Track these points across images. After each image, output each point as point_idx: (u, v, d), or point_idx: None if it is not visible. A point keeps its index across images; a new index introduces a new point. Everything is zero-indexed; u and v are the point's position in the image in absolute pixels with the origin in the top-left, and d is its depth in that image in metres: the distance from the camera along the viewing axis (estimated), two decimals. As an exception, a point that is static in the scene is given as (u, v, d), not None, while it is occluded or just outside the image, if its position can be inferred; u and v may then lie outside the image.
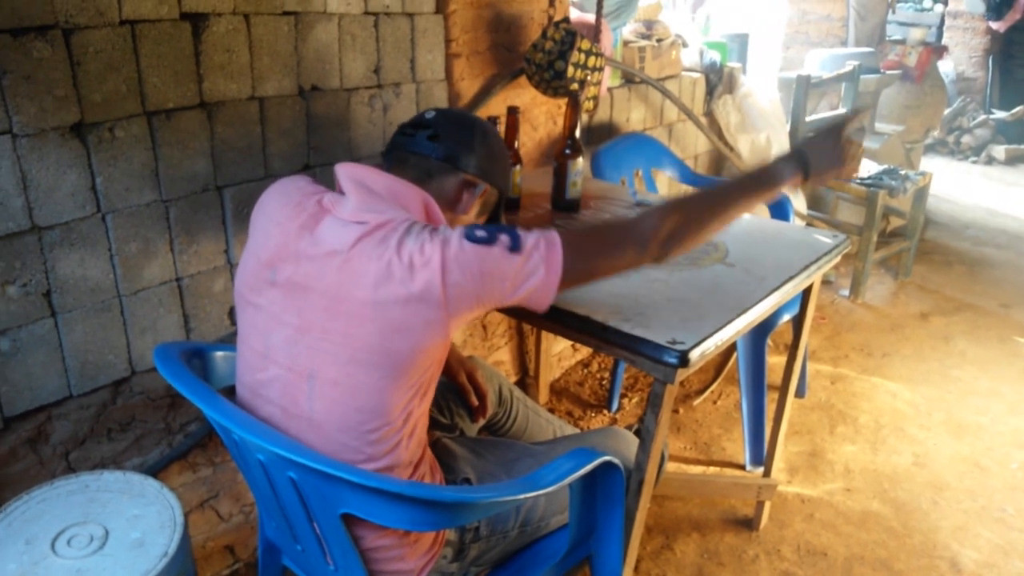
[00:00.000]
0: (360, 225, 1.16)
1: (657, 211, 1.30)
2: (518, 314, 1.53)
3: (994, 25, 7.50)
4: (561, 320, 1.52)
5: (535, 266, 1.19)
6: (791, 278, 1.72)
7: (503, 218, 1.52)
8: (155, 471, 1.77)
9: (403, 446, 1.23)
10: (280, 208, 1.25)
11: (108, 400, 1.67)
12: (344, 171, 1.25)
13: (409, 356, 1.15)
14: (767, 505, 2.27)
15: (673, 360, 1.39)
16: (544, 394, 2.85)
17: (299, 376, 1.18)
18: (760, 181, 1.40)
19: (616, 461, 1.31)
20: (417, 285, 1.11)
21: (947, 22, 7.92)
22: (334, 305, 1.14)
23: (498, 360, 2.77)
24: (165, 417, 1.78)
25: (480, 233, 1.16)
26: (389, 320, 1.12)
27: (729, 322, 1.51)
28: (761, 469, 2.48)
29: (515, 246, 1.17)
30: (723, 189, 1.40)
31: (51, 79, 1.42)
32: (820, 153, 1.39)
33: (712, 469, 2.58)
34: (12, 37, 1.36)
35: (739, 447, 2.66)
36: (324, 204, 1.22)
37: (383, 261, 1.12)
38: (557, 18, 2.35)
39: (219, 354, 1.44)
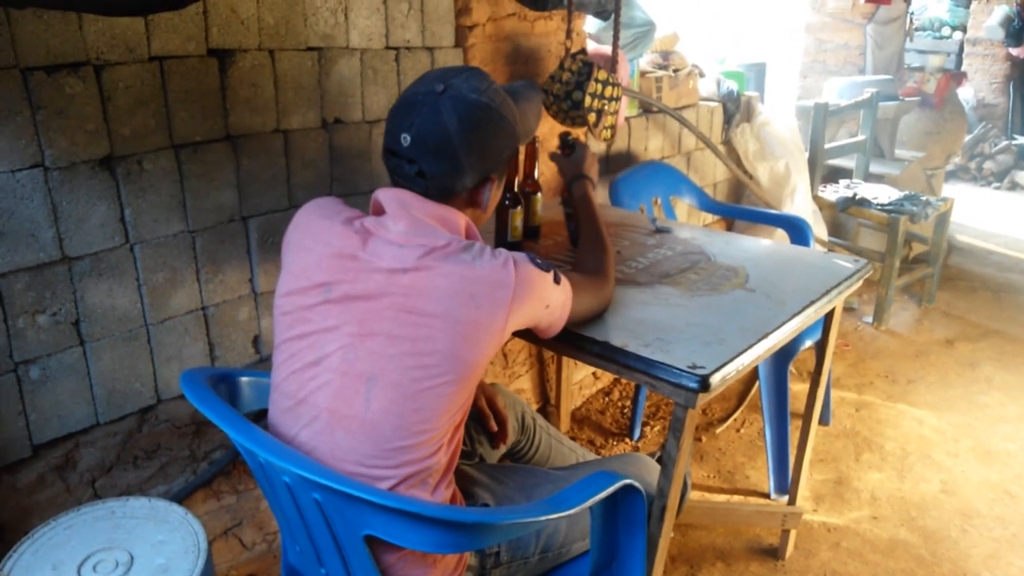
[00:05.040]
0: (419, 247, 1.22)
1: (593, 259, 1.66)
2: (538, 341, 1.54)
3: (1013, 51, 7.48)
4: (581, 346, 1.53)
5: (564, 299, 1.39)
6: (812, 303, 1.72)
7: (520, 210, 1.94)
8: (180, 498, 1.78)
9: (443, 451, 1.28)
10: (328, 230, 1.28)
11: (134, 428, 1.70)
12: (387, 195, 1.29)
13: (474, 364, 1.23)
14: (792, 534, 2.24)
15: (693, 384, 1.39)
16: (565, 423, 2.85)
17: (356, 379, 1.22)
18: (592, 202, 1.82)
19: (637, 485, 1.31)
20: (491, 300, 1.21)
21: (966, 49, 7.91)
22: (402, 315, 1.20)
23: (519, 388, 2.77)
24: (190, 445, 1.80)
25: (539, 261, 1.30)
26: (461, 331, 1.20)
27: (750, 346, 1.51)
28: (786, 497, 2.45)
29: (556, 279, 1.35)
30: (595, 223, 1.76)
31: (82, 114, 1.47)
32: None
33: (736, 497, 2.55)
34: (46, 74, 1.41)
35: (763, 475, 2.63)
36: (367, 226, 1.27)
37: (454, 278, 1.20)
38: (574, 50, 2.38)
39: (245, 379, 1.46)
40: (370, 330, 1.22)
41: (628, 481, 1.28)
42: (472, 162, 1.28)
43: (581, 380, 3.05)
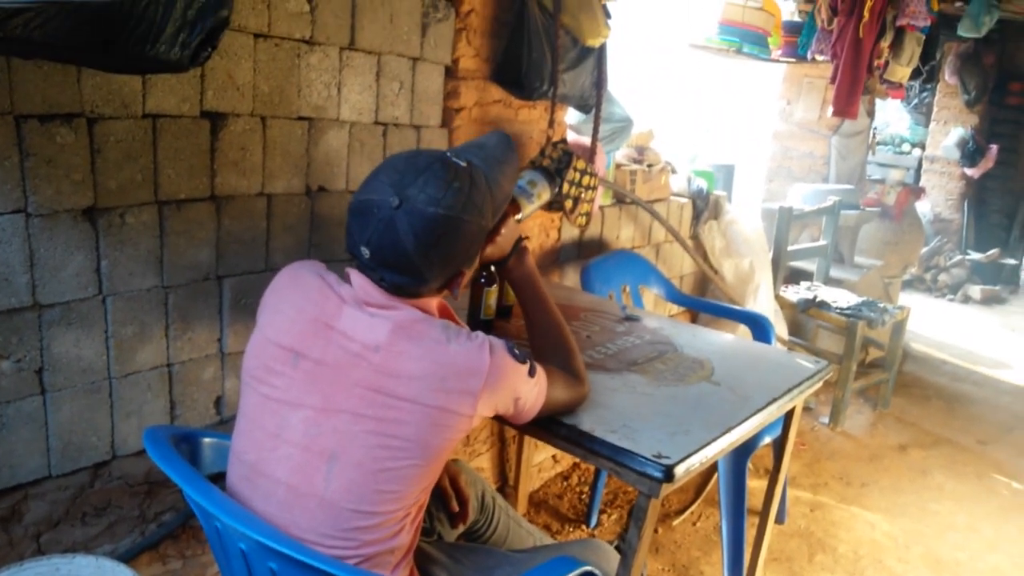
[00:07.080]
0: (391, 320, 1.21)
1: (564, 357, 1.54)
2: (504, 420, 1.54)
3: (968, 171, 7.84)
4: (549, 428, 1.54)
5: (538, 391, 1.38)
6: (775, 400, 1.75)
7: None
8: (126, 559, 1.72)
9: (406, 531, 1.26)
10: (304, 295, 1.27)
11: (86, 483, 1.65)
12: (358, 281, 1.27)
13: (441, 448, 1.22)
14: (745, 633, 2.22)
15: (658, 474, 1.40)
16: (523, 505, 2.81)
17: (317, 456, 1.20)
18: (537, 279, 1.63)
19: (598, 573, 1.30)
20: (461, 387, 1.21)
21: (924, 165, 8.28)
22: (370, 395, 1.19)
23: (479, 467, 2.75)
24: (140, 504, 1.76)
25: (517, 351, 1.29)
26: (429, 416, 1.19)
27: (715, 439, 1.53)
28: (739, 595, 2.43)
29: (531, 372, 1.34)
30: (547, 306, 1.60)
31: (71, 164, 1.48)
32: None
33: (689, 592, 2.53)
34: (39, 122, 1.43)
35: (718, 571, 2.62)
36: (343, 294, 1.26)
37: (425, 362, 1.19)
38: (555, 139, 2.46)
39: (207, 440, 1.44)
40: (335, 406, 1.20)
41: (589, 568, 1.27)
42: (435, 272, 1.25)
43: (540, 463, 3.03)
